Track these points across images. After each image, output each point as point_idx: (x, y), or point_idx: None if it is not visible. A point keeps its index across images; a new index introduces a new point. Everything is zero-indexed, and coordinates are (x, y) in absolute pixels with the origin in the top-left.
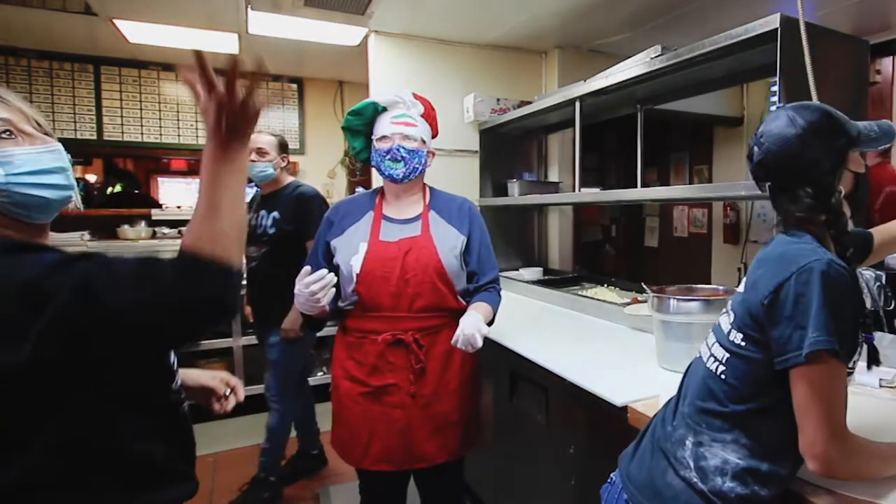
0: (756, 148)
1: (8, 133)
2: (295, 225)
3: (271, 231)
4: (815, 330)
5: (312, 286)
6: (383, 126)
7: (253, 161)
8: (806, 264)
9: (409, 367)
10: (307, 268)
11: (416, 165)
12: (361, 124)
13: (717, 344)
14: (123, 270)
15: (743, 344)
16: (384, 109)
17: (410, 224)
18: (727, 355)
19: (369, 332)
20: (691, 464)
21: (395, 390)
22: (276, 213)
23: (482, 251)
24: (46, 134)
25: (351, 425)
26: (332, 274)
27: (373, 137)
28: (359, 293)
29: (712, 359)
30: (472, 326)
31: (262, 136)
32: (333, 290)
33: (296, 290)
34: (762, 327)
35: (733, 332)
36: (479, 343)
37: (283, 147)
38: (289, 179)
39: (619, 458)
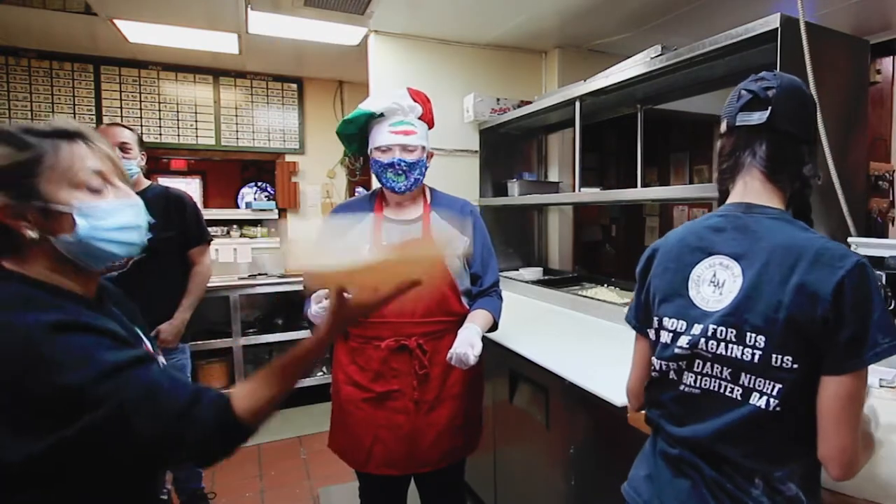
0: (770, 79)
1: (100, 184)
2: (176, 230)
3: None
4: (887, 335)
5: None
6: (382, 135)
7: None
8: (853, 264)
9: (412, 373)
10: (325, 290)
11: (418, 176)
12: (356, 128)
13: (754, 377)
14: (168, 408)
15: (796, 367)
16: (381, 115)
17: (412, 225)
18: (779, 386)
19: (372, 338)
20: (767, 501)
21: (399, 396)
22: (148, 218)
23: (484, 254)
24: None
25: (352, 430)
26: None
27: (370, 145)
28: None
29: (757, 395)
30: (465, 344)
31: (122, 130)
32: None
33: (312, 311)
34: (806, 338)
35: (775, 356)
36: (473, 361)
37: (141, 143)
38: (146, 181)
39: (625, 492)
